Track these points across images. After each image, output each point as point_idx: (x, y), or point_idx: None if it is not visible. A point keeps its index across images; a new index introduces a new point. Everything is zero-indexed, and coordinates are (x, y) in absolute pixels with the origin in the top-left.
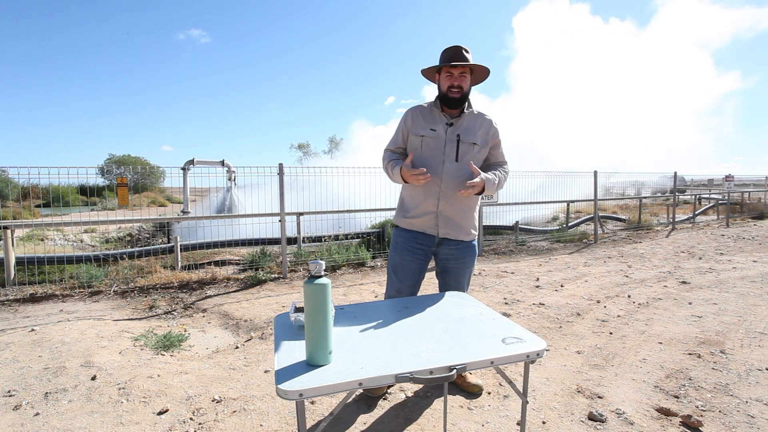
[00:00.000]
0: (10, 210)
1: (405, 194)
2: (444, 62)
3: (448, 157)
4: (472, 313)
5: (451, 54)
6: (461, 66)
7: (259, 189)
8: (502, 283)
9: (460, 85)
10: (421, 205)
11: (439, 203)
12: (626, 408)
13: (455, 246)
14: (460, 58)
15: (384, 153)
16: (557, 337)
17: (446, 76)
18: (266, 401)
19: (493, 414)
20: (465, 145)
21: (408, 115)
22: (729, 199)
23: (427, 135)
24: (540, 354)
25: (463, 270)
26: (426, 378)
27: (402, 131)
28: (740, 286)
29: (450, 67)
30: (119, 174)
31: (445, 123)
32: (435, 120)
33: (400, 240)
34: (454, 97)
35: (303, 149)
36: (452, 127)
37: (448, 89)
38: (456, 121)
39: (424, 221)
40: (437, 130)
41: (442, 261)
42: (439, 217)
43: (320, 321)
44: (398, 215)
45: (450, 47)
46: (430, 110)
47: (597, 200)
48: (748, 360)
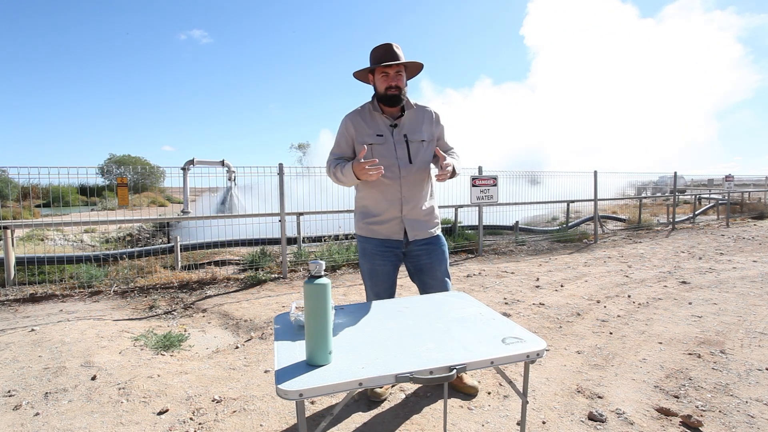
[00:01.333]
0: (10, 210)
1: (365, 203)
2: (376, 63)
3: (402, 160)
4: (472, 313)
5: (382, 53)
6: (395, 65)
7: (259, 189)
8: (502, 283)
9: (397, 84)
10: (385, 213)
11: (403, 208)
12: (626, 408)
13: (423, 242)
14: (393, 57)
15: (327, 162)
16: (557, 337)
17: (382, 77)
18: (266, 401)
19: (493, 414)
20: (414, 144)
21: (348, 124)
22: (729, 199)
23: (375, 142)
24: (540, 354)
25: (438, 263)
26: (426, 378)
27: (345, 140)
28: (740, 286)
29: (384, 67)
30: (119, 174)
31: (389, 125)
32: (377, 124)
33: (367, 246)
34: (393, 95)
35: (303, 149)
36: (397, 128)
37: (386, 90)
38: (399, 121)
39: (389, 227)
40: (383, 134)
41: (413, 260)
42: (405, 221)
43: (320, 321)
44: (360, 223)
45: (380, 46)
46: (369, 114)
47: (597, 200)
48: (748, 360)
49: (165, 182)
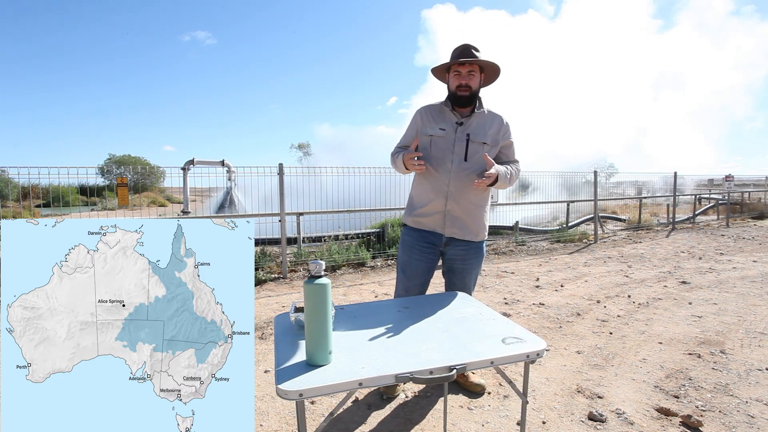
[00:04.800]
0: (10, 210)
1: (414, 193)
2: (452, 60)
3: (457, 156)
4: (472, 313)
5: (459, 52)
6: (469, 64)
7: (259, 189)
8: (502, 283)
9: (468, 84)
10: (430, 204)
11: (447, 202)
12: (626, 408)
13: (463, 246)
14: (468, 56)
15: (394, 150)
16: (557, 337)
17: (455, 75)
18: (266, 401)
19: (493, 414)
20: (474, 145)
21: (418, 115)
22: (729, 199)
23: (436, 134)
24: (540, 354)
25: (469, 271)
26: (426, 378)
27: (411, 130)
28: (740, 286)
29: (458, 65)
30: (119, 174)
31: (455, 122)
32: (445, 119)
33: (408, 239)
34: (462, 95)
35: (303, 149)
36: (462, 127)
37: (457, 88)
38: (466, 120)
39: (432, 220)
40: (446, 129)
41: (448, 261)
42: (447, 216)
43: (320, 321)
44: (407, 213)
45: (459, 45)
46: (440, 110)
47: (597, 200)
48: (748, 360)
49: (165, 182)
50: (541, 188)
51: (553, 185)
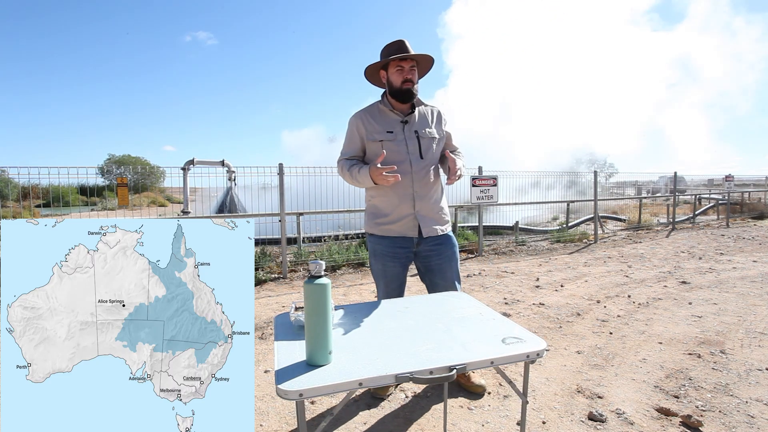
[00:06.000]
0: (10, 210)
1: (376, 201)
2: (391, 56)
3: (413, 155)
4: (472, 313)
5: (397, 47)
6: (410, 59)
7: (258, 189)
8: (502, 283)
9: (411, 78)
10: (396, 210)
11: (416, 204)
12: (626, 408)
13: (435, 241)
14: (407, 51)
15: (340, 162)
16: (557, 337)
17: (397, 71)
18: (266, 401)
19: (493, 414)
20: (426, 140)
21: (358, 122)
22: (729, 199)
23: (386, 138)
24: (540, 354)
25: (448, 263)
26: (426, 378)
27: (355, 139)
28: (740, 286)
29: (400, 61)
30: (119, 174)
31: (400, 121)
32: (388, 121)
33: (378, 248)
34: (409, 89)
35: None
36: (408, 125)
37: (402, 83)
38: (409, 117)
39: (401, 225)
40: (394, 131)
41: (424, 260)
42: (418, 218)
43: (320, 321)
44: (371, 223)
45: (393, 42)
46: (380, 111)
47: (597, 200)
48: (748, 360)
49: (165, 182)
50: (541, 188)
51: (554, 185)
